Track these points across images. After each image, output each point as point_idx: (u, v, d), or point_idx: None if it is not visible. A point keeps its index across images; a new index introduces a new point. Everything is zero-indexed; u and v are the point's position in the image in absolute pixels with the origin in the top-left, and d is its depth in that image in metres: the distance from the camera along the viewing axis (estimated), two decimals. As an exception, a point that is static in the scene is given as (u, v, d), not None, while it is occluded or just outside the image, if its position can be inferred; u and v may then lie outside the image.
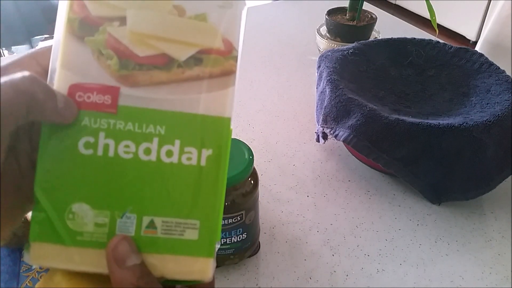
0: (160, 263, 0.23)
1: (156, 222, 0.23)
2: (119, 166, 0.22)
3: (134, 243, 0.22)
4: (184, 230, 0.23)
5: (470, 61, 0.61)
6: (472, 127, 0.47)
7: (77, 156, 0.22)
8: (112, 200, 0.22)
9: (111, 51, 0.23)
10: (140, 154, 0.23)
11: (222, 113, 0.24)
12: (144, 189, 0.23)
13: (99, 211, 0.22)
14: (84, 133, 0.22)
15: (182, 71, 0.23)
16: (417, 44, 0.65)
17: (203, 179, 0.23)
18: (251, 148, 0.40)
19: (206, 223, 0.23)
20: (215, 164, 0.23)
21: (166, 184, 0.23)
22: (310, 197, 0.54)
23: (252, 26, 0.99)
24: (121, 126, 0.23)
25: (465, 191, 0.51)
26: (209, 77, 0.23)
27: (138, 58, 0.23)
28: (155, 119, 0.23)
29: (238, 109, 0.70)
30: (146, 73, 0.23)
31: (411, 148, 0.49)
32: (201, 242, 0.23)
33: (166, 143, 0.23)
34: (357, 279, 0.44)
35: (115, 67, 0.23)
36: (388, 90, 0.61)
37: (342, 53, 0.62)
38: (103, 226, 0.22)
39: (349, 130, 0.52)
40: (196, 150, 0.23)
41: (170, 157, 0.23)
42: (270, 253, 0.47)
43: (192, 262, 0.23)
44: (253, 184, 0.40)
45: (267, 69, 0.82)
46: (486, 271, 0.45)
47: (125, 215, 0.22)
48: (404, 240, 0.48)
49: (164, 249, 0.23)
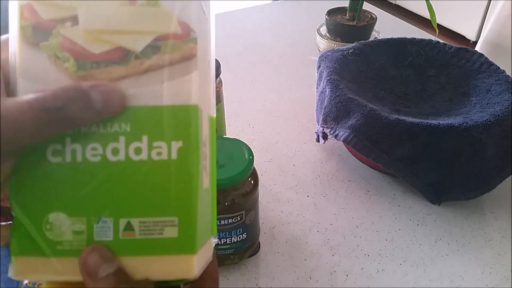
0: (142, 265, 0.22)
1: (133, 223, 0.22)
2: (89, 170, 0.22)
3: (108, 250, 0.22)
4: (163, 229, 0.22)
5: (470, 61, 0.61)
6: (472, 127, 0.47)
7: (47, 165, 0.22)
8: (87, 205, 0.22)
9: (67, 53, 0.22)
10: (108, 155, 0.22)
11: (187, 101, 0.22)
12: (117, 191, 0.22)
13: (76, 218, 0.22)
14: (51, 141, 0.22)
15: (140, 62, 0.22)
16: (417, 44, 0.65)
17: (176, 172, 0.22)
18: (251, 148, 0.40)
19: (185, 219, 0.22)
20: (187, 155, 0.22)
21: (138, 183, 0.22)
22: (310, 197, 0.54)
23: (252, 26, 0.99)
24: (85, 129, 0.22)
25: (465, 191, 0.51)
26: (169, 64, 0.22)
27: (94, 56, 0.22)
28: (119, 117, 0.22)
29: (238, 109, 0.70)
30: (104, 70, 0.22)
31: (411, 148, 0.49)
32: (182, 239, 0.22)
33: (133, 141, 0.22)
34: (357, 279, 0.44)
35: (73, 69, 0.22)
36: (388, 90, 0.61)
37: (342, 53, 0.62)
38: (81, 233, 0.22)
39: (349, 130, 0.52)
40: (165, 143, 0.22)
41: (139, 154, 0.22)
42: (270, 253, 0.47)
43: (174, 261, 0.22)
44: (253, 184, 0.40)
45: (267, 69, 0.82)
46: (486, 271, 0.45)
47: (101, 219, 0.22)
48: (404, 240, 0.48)
49: (144, 251, 0.22)
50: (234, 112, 0.69)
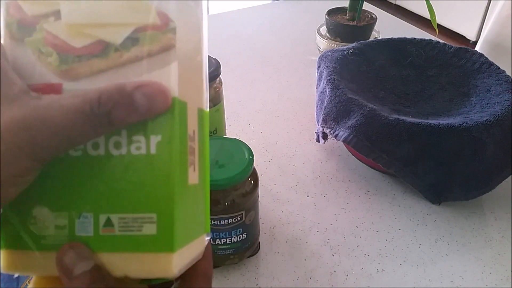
0: (121, 262, 0.22)
1: (113, 219, 0.21)
2: (70, 165, 0.22)
3: (85, 248, 0.21)
4: (142, 225, 0.21)
5: (470, 61, 0.61)
6: (472, 127, 0.47)
7: None
8: (69, 200, 0.22)
9: (50, 48, 0.22)
10: (88, 149, 0.22)
11: None
12: (97, 186, 0.22)
13: (58, 213, 0.22)
14: None
15: (120, 55, 0.22)
16: (417, 44, 0.65)
17: (154, 168, 0.21)
18: (251, 148, 0.41)
19: (164, 216, 0.21)
20: (166, 150, 0.21)
21: (118, 178, 0.21)
22: (310, 197, 0.54)
23: (252, 26, 0.99)
24: None
25: (465, 191, 0.51)
26: (148, 56, 0.22)
27: (75, 50, 0.22)
28: None
29: (238, 109, 0.70)
30: (85, 64, 0.22)
31: (411, 148, 0.49)
32: (160, 236, 0.21)
33: (113, 135, 0.21)
34: (357, 279, 0.44)
35: (56, 63, 0.22)
36: (388, 90, 0.61)
37: (342, 53, 0.62)
38: (63, 228, 0.22)
39: (349, 130, 0.52)
40: (144, 137, 0.21)
41: (118, 149, 0.21)
42: (270, 253, 0.47)
43: (153, 258, 0.21)
44: (253, 184, 0.40)
45: (267, 69, 0.82)
46: (486, 271, 0.45)
47: (82, 215, 0.22)
48: (404, 240, 0.48)
49: (124, 247, 0.21)
50: (234, 112, 0.69)
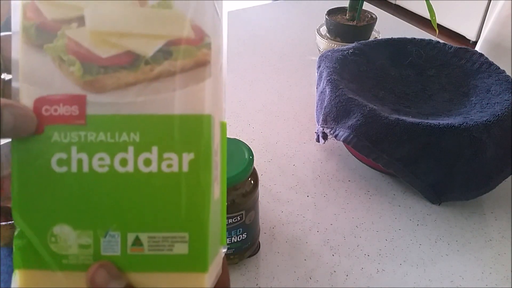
0: (150, 282, 0.21)
1: (142, 238, 0.21)
2: (96, 182, 0.21)
3: (115, 267, 0.21)
4: (173, 245, 0.21)
5: (470, 61, 0.61)
6: (472, 127, 0.47)
7: (52, 175, 0.21)
8: (94, 218, 0.21)
9: (72, 57, 0.21)
10: (116, 166, 0.21)
11: (200, 111, 0.21)
12: (125, 204, 0.21)
13: (82, 231, 0.21)
14: (55, 150, 0.21)
15: (150, 68, 0.21)
16: (417, 44, 0.65)
17: (187, 186, 0.21)
18: (251, 148, 0.40)
19: (196, 235, 0.21)
20: (198, 168, 0.21)
21: (147, 196, 0.21)
22: (310, 197, 0.54)
23: (252, 26, 0.99)
24: (92, 138, 0.21)
25: (465, 191, 0.51)
26: (181, 71, 0.21)
27: (101, 60, 0.21)
28: (128, 126, 0.21)
29: (238, 109, 0.70)
30: (112, 75, 0.21)
31: (411, 148, 0.49)
32: (192, 256, 0.21)
33: (142, 151, 0.21)
34: (357, 279, 0.44)
35: (79, 73, 0.21)
36: (388, 90, 0.61)
37: (342, 53, 0.62)
38: (88, 247, 0.21)
39: (349, 130, 0.52)
40: (176, 155, 0.21)
41: (148, 166, 0.21)
42: (270, 253, 0.47)
43: (184, 278, 0.21)
44: (253, 184, 0.40)
45: (267, 69, 0.82)
46: (486, 271, 0.45)
47: (108, 233, 0.21)
48: (404, 240, 0.48)
49: (153, 267, 0.21)
50: (234, 112, 0.69)
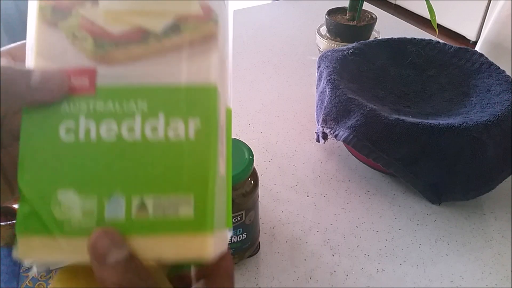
0: (156, 245, 0.21)
1: (147, 202, 0.21)
2: (103, 149, 0.21)
3: (119, 234, 0.21)
4: (178, 207, 0.21)
5: (470, 61, 0.61)
6: (472, 127, 0.47)
7: (59, 143, 0.21)
8: (98, 183, 0.21)
9: (85, 33, 0.22)
10: (123, 133, 0.21)
11: (206, 80, 0.22)
12: (130, 169, 0.21)
13: (86, 196, 0.21)
14: (63, 119, 0.22)
15: (160, 42, 0.22)
16: (417, 44, 0.65)
17: (193, 151, 0.21)
18: (251, 148, 0.40)
19: (201, 198, 0.21)
20: (204, 135, 0.22)
21: (153, 161, 0.21)
22: (310, 197, 0.54)
23: (252, 26, 0.99)
24: (100, 107, 0.22)
25: (465, 191, 0.51)
26: (189, 44, 0.22)
27: (113, 36, 0.22)
28: (136, 95, 0.22)
29: (238, 109, 0.70)
30: (123, 50, 0.22)
31: (411, 148, 0.49)
32: (197, 217, 0.21)
33: (149, 119, 0.22)
34: (357, 279, 0.44)
35: (91, 48, 0.22)
36: (388, 90, 0.61)
37: (342, 53, 0.62)
38: (91, 212, 0.21)
39: (349, 130, 0.52)
40: (182, 122, 0.22)
41: (155, 133, 0.21)
42: (270, 253, 0.47)
43: (189, 240, 0.21)
44: (253, 184, 0.40)
45: (267, 69, 0.82)
46: (486, 271, 0.45)
47: (112, 198, 0.21)
48: (404, 240, 0.48)
49: (159, 230, 0.21)
50: (234, 112, 0.69)
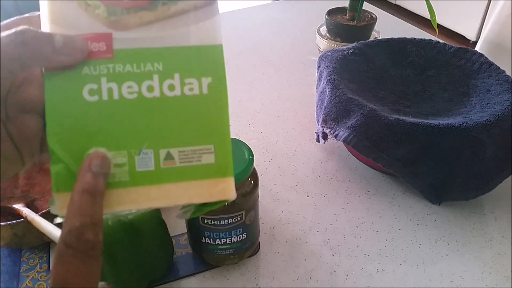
0: (184, 190, 0.24)
1: (173, 153, 0.24)
2: (126, 107, 0.23)
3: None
4: (201, 156, 0.24)
5: (470, 61, 0.61)
6: (472, 127, 0.47)
7: (84, 104, 0.23)
8: (127, 139, 0.23)
9: (97, 1, 0.23)
10: (143, 92, 0.23)
11: (213, 41, 0.25)
12: (154, 125, 0.24)
13: (116, 152, 0.23)
14: (86, 81, 0.23)
15: (167, 8, 0.24)
16: (417, 44, 0.65)
17: (208, 106, 0.24)
18: (251, 148, 0.40)
19: (220, 146, 0.24)
20: (217, 89, 0.24)
21: (174, 116, 0.24)
22: (310, 197, 0.54)
23: (252, 26, 0.99)
24: (120, 69, 0.23)
25: (465, 191, 0.51)
26: (193, 9, 0.24)
27: (123, 3, 0.24)
28: (151, 57, 0.24)
29: (238, 109, 0.70)
30: (134, 15, 0.24)
31: (411, 148, 0.49)
32: (219, 163, 0.24)
33: (166, 78, 0.24)
34: (357, 279, 0.44)
35: (104, 15, 0.23)
36: (388, 90, 0.61)
37: (342, 53, 0.62)
38: (123, 166, 0.23)
39: (349, 130, 0.52)
40: (196, 80, 0.24)
41: (172, 90, 0.24)
42: (270, 253, 0.47)
43: (214, 183, 0.24)
44: (253, 184, 0.40)
45: (267, 69, 0.82)
46: (486, 271, 0.45)
47: (141, 151, 0.23)
48: (404, 240, 0.48)
49: (185, 177, 0.24)
50: (234, 112, 0.69)
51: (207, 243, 0.42)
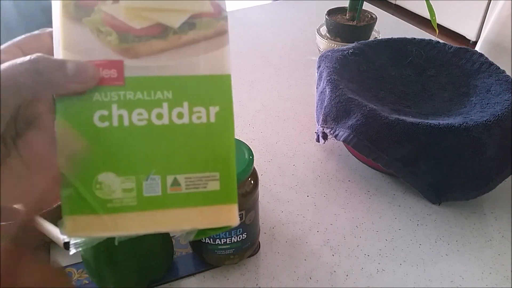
0: (189, 216, 0.24)
1: (179, 179, 0.24)
2: (136, 133, 0.24)
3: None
4: (206, 183, 0.25)
5: (470, 61, 0.61)
6: (472, 127, 0.47)
7: (94, 130, 0.23)
8: (135, 165, 0.24)
9: (109, 28, 0.24)
10: (153, 119, 0.24)
11: (222, 71, 0.26)
12: (163, 151, 0.24)
13: (125, 177, 0.24)
14: (97, 107, 0.23)
15: (178, 37, 0.25)
16: (417, 44, 0.65)
17: (215, 134, 0.25)
18: (251, 148, 0.40)
19: (225, 173, 0.25)
20: (224, 118, 0.25)
21: (182, 143, 0.24)
22: (310, 197, 0.54)
23: (252, 26, 0.99)
24: (131, 96, 0.24)
25: (465, 191, 0.51)
26: (204, 39, 0.25)
27: (135, 30, 0.24)
28: (162, 85, 0.24)
29: (238, 109, 0.70)
30: (145, 43, 0.24)
31: (411, 148, 0.49)
32: (224, 190, 0.25)
33: (175, 106, 0.24)
34: (357, 279, 0.44)
35: (116, 42, 0.24)
36: (388, 90, 0.61)
37: (342, 53, 0.62)
38: (131, 191, 0.24)
39: (349, 130, 0.52)
40: (204, 108, 0.25)
41: (181, 118, 0.24)
42: (270, 253, 0.47)
43: (218, 210, 0.25)
44: (253, 184, 0.40)
45: (267, 69, 0.82)
46: (486, 271, 0.45)
47: (149, 177, 0.24)
48: (404, 240, 0.48)
49: (191, 202, 0.24)
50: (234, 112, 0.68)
51: (207, 243, 0.42)
